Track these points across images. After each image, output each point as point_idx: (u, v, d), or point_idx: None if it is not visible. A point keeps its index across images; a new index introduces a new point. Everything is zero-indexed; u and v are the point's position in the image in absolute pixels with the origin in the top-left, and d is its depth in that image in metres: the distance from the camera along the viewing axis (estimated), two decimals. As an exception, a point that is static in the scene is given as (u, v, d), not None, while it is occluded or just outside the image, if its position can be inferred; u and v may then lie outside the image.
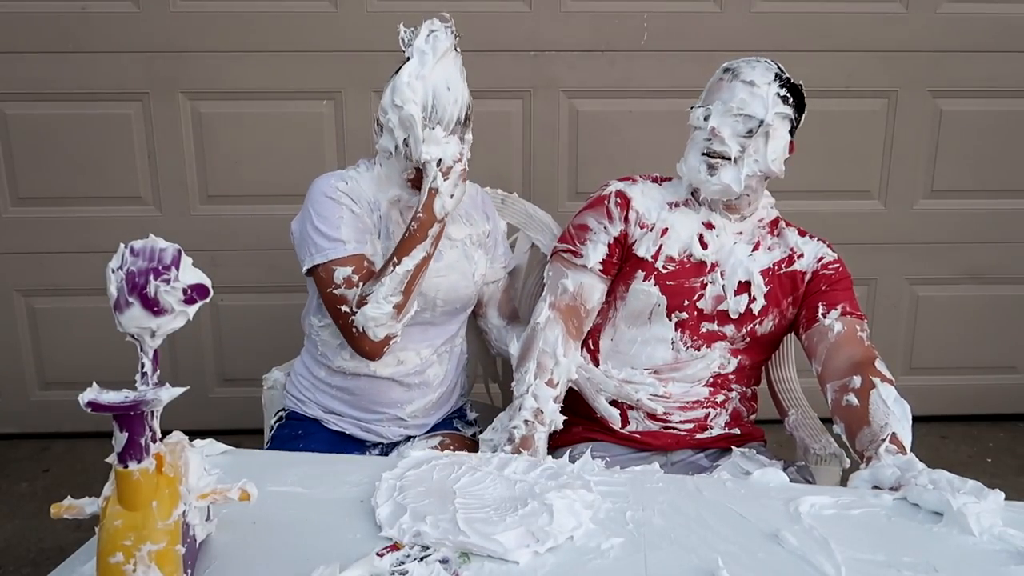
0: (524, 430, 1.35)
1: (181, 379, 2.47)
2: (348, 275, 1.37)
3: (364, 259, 1.40)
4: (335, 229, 1.38)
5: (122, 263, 0.82)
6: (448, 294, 1.48)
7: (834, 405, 1.36)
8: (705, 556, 0.94)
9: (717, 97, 1.44)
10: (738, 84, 1.43)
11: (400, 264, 1.35)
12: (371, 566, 0.91)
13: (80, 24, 2.33)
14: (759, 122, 1.42)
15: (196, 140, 2.43)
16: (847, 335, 1.42)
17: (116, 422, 0.80)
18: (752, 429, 1.56)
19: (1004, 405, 2.75)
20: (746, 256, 1.49)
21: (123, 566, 0.81)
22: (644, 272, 1.49)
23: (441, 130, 1.36)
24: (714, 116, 1.43)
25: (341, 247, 1.38)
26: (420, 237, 1.36)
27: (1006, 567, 0.93)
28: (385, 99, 1.37)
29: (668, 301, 1.48)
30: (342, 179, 1.44)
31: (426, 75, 1.34)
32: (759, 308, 1.48)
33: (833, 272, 1.50)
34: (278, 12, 2.33)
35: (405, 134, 1.37)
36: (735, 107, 1.42)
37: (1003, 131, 2.50)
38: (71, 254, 2.48)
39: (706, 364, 1.50)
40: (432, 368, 1.54)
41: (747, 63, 1.45)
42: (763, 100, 1.41)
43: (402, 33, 1.37)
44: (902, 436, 1.22)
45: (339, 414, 1.54)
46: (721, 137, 1.42)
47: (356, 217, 1.41)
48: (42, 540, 2.16)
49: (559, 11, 2.37)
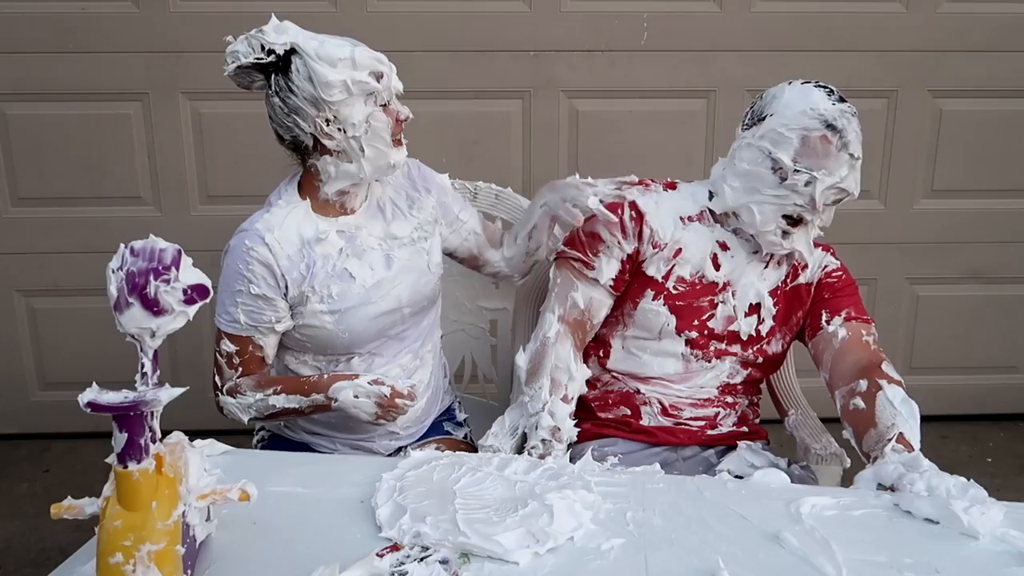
0: (542, 449, 1.33)
1: (181, 379, 2.45)
2: (231, 353, 1.38)
3: (250, 343, 1.37)
4: (233, 304, 1.35)
5: (122, 263, 0.83)
6: (412, 296, 1.45)
7: (843, 411, 1.34)
8: (706, 557, 0.94)
9: (824, 166, 1.31)
10: (845, 157, 1.31)
11: (277, 398, 1.35)
12: (371, 567, 0.91)
13: (80, 24, 2.32)
14: (848, 194, 1.35)
15: (196, 140, 2.42)
16: (852, 340, 1.40)
17: (116, 422, 0.80)
18: (757, 428, 1.56)
19: (1004, 405, 2.75)
20: (757, 276, 1.46)
21: (122, 566, 0.81)
22: (654, 292, 1.45)
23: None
24: (819, 190, 1.31)
25: (232, 324, 1.36)
26: (305, 392, 1.34)
27: (1007, 568, 0.92)
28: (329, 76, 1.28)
29: (677, 321, 1.45)
30: (261, 238, 1.34)
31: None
32: (767, 329, 1.47)
33: (836, 280, 1.48)
34: (278, 12, 2.32)
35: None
36: (840, 183, 1.32)
37: (1003, 131, 2.50)
38: (71, 254, 2.48)
39: (716, 375, 1.49)
40: (417, 373, 1.51)
41: (848, 122, 1.31)
42: (856, 175, 1.34)
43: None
44: (909, 435, 1.21)
45: (327, 435, 1.50)
46: (818, 208, 1.32)
47: (254, 298, 1.34)
48: (42, 540, 2.16)
49: (559, 11, 2.36)
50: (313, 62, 1.28)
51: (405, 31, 2.31)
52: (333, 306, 1.37)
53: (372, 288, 1.40)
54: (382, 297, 1.41)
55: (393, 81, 1.35)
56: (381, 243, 1.43)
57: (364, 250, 1.41)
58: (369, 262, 1.41)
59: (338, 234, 1.39)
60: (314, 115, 1.30)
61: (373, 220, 1.44)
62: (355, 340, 1.41)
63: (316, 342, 1.41)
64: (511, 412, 1.43)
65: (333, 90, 1.28)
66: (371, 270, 1.41)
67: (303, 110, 1.30)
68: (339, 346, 1.42)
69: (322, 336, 1.40)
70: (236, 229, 1.38)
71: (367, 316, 1.40)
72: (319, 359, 1.45)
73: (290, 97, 1.30)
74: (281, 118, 1.33)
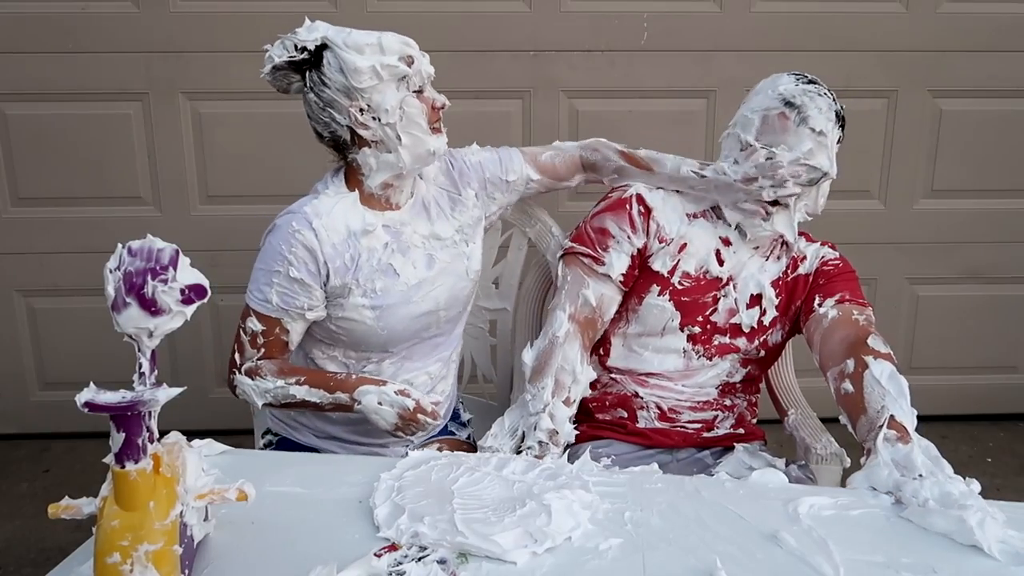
0: (537, 451, 1.32)
1: (180, 379, 2.46)
2: (256, 332, 1.36)
3: (278, 325, 1.36)
4: (268, 284, 1.34)
5: (120, 263, 0.83)
6: (449, 300, 1.44)
7: (835, 395, 1.31)
8: (703, 557, 0.94)
9: (783, 141, 1.35)
10: (806, 132, 1.34)
11: (299, 388, 1.33)
12: (369, 566, 0.91)
13: (80, 24, 2.32)
14: (823, 174, 1.37)
15: (196, 140, 2.42)
16: (841, 319, 1.37)
17: (113, 422, 0.80)
18: (753, 428, 1.56)
19: (1004, 405, 2.75)
20: (758, 269, 1.47)
21: (120, 566, 0.81)
22: (659, 287, 1.46)
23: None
24: (785, 163, 1.34)
25: (264, 303, 1.35)
26: (330, 389, 1.33)
27: (1006, 568, 0.92)
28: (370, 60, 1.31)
29: (682, 317, 1.45)
30: (308, 222, 1.33)
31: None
32: (770, 320, 1.47)
33: (832, 268, 1.48)
34: (278, 12, 2.32)
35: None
36: (803, 158, 1.34)
37: (1003, 131, 2.50)
38: (71, 254, 2.48)
39: (716, 373, 1.49)
40: (442, 383, 1.51)
41: (811, 99, 1.34)
42: (828, 151, 1.36)
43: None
44: (901, 416, 1.17)
45: (338, 439, 1.48)
46: (786, 187, 1.36)
47: (291, 281, 1.33)
48: (42, 540, 2.16)
49: (559, 11, 2.36)
50: (341, 51, 1.30)
51: (405, 31, 2.27)
52: (376, 301, 1.37)
53: (414, 287, 1.39)
54: (423, 298, 1.40)
55: (424, 66, 1.35)
56: (425, 242, 1.42)
57: (409, 247, 1.40)
58: (412, 260, 1.40)
59: (384, 228, 1.38)
60: (347, 105, 1.31)
61: (418, 218, 1.43)
62: (392, 338, 1.40)
63: (353, 336, 1.40)
64: (511, 413, 1.42)
65: (363, 76, 1.29)
66: (414, 268, 1.40)
67: (337, 102, 1.31)
68: (374, 343, 1.40)
69: (360, 331, 1.38)
70: (281, 211, 1.37)
71: (407, 315, 1.39)
72: (350, 356, 1.43)
73: (324, 91, 1.32)
74: (318, 114, 1.34)
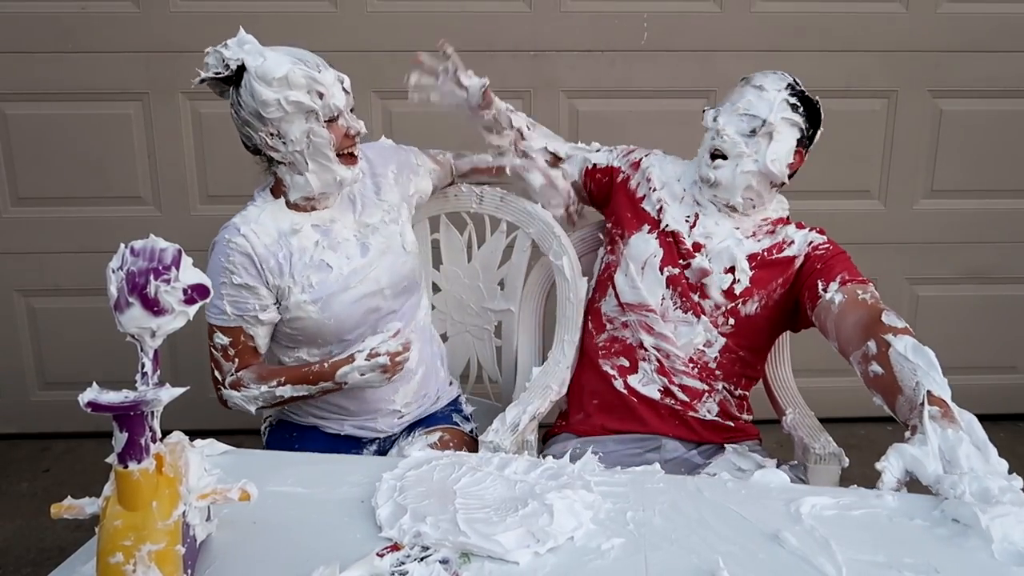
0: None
1: (182, 379, 2.45)
2: (225, 346, 1.42)
3: (241, 333, 1.42)
4: (219, 297, 1.40)
5: (122, 263, 0.82)
6: (391, 277, 1.49)
7: (864, 379, 1.30)
8: (706, 557, 0.94)
9: (728, 99, 1.53)
10: (748, 88, 1.51)
11: (284, 388, 1.40)
12: (371, 566, 0.91)
13: (80, 24, 2.32)
14: (762, 122, 1.46)
15: (196, 140, 2.42)
16: (849, 302, 1.39)
17: (116, 422, 0.80)
18: (745, 426, 1.57)
19: (1004, 405, 2.75)
20: (735, 243, 1.53)
21: (123, 566, 0.81)
22: (649, 225, 1.59)
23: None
24: (721, 115, 1.51)
25: (220, 315, 1.41)
26: (312, 381, 1.40)
27: (1007, 568, 0.92)
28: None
29: (664, 254, 1.55)
30: (238, 230, 1.41)
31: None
32: (741, 289, 1.51)
33: (824, 251, 1.51)
34: (278, 12, 2.33)
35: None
36: (741, 108, 1.49)
37: (1003, 131, 2.50)
38: (71, 254, 2.48)
39: (692, 334, 1.53)
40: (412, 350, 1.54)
41: (763, 73, 1.53)
42: (769, 103, 1.48)
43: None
44: (937, 389, 1.17)
45: (335, 417, 1.54)
46: (725, 134, 1.48)
47: (237, 288, 1.40)
48: (42, 540, 2.16)
49: (559, 11, 2.37)
50: (252, 80, 1.33)
51: (405, 31, 2.31)
52: (314, 295, 1.42)
53: (350, 274, 1.45)
54: (361, 281, 1.45)
55: (335, 99, 1.36)
56: (355, 233, 1.48)
57: (339, 242, 1.46)
58: (345, 252, 1.46)
59: (313, 227, 1.44)
60: (259, 128, 1.36)
61: (346, 213, 1.49)
62: (341, 326, 1.45)
63: (306, 333, 1.45)
64: (512, 409, 1.46)
65: (270, 108, 1.34)
66: (348, 259, 1.45)
67: (252, 123, 1.37)
68: (328, 334, 1.46)
69: (310, 326, 1.44)
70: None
71: (348, 300, 1.44)
72: (313, 353, 1.48)
73: (240, 110, 1.37)
74: (239, 128, 1.40)
